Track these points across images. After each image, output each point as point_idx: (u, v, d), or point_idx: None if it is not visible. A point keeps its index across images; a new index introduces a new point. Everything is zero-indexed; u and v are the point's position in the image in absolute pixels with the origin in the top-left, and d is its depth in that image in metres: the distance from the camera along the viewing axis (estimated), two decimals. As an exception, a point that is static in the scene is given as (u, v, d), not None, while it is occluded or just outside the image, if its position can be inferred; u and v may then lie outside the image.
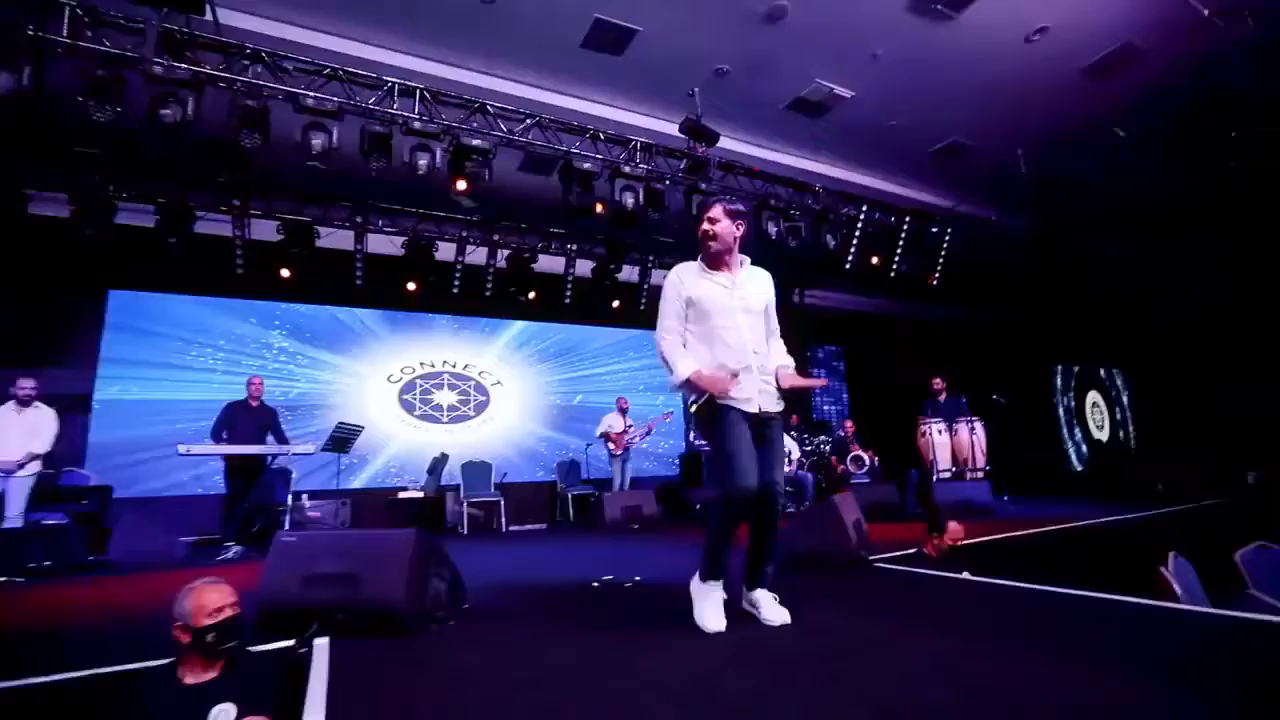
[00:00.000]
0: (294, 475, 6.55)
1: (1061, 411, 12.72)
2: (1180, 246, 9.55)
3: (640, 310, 9.16)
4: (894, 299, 11.62)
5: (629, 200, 6.00)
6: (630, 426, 7.79)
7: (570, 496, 7.95)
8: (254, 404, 5.72)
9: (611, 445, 7.68)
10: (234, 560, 4.83)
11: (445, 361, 8.59)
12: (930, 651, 1.86)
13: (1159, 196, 8.48)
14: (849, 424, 8.56)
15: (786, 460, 7.55)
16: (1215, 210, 8.47)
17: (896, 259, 7.93)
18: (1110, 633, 2.09)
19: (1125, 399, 13.92)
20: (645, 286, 9.00)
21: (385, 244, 7.43)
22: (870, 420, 9.60)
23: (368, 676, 1.83)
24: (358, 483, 7.59)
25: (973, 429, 6.97)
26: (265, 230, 6.83)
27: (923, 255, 8.13)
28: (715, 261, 2.43)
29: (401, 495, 6.78)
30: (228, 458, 5.35)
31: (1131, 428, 13.73)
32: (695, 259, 2.48)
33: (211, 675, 1.74)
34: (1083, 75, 6.32)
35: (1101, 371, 13.64)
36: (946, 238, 8.17)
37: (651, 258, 8.87)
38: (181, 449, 4.84)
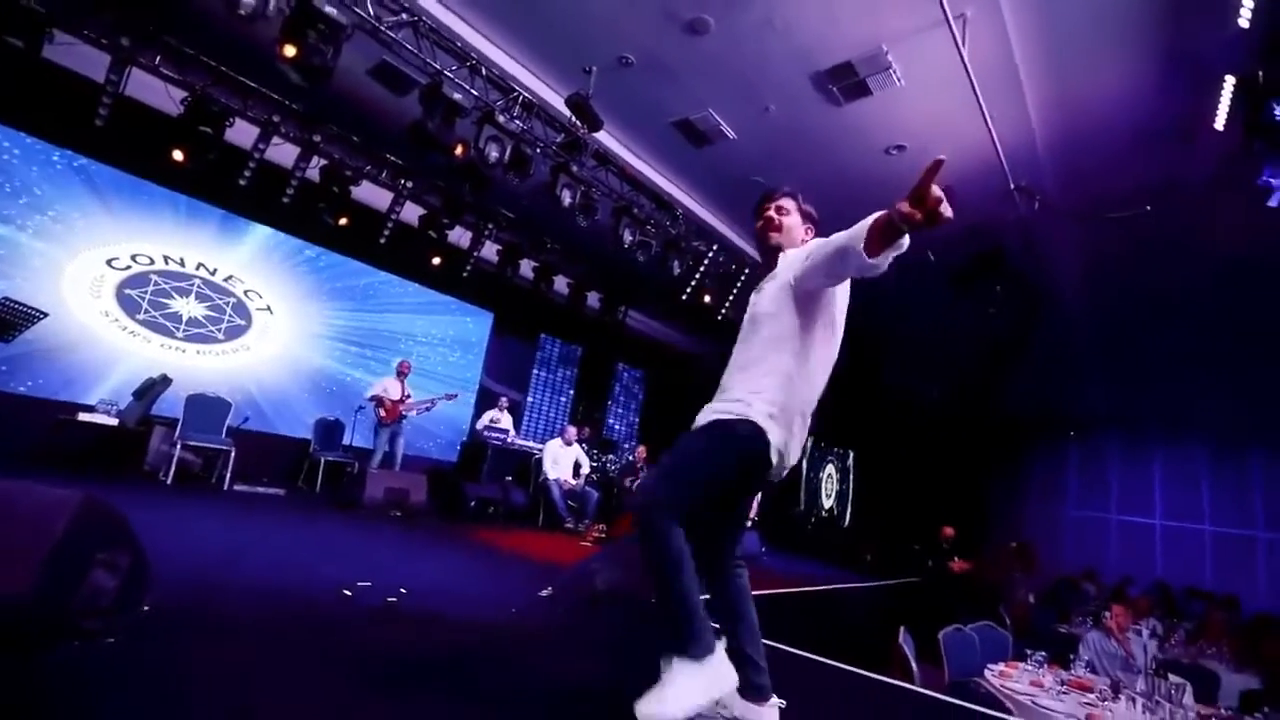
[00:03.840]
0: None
1: (804, 479, 14.45)
2: (933, 363, 11.46)
3: (462, 278, 8.32)
4: (708, 338, 12.22)
5: (493, 153, 5.31)
6: (409, 397, 6.89)
7: (323, 462, 6.75)
8: None
9: (383, 413, 6.70)
10: None
11: (201, 265, 6.79)
12: None
13: (937, 322, 10.05)
14: (641, 449, 8.62)
15: (575, 472, 7.30)
16: (962, 342, 10.28)
17: (727, 304, 8.25)
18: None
19: (851, 478, 16.33)
20: (474, 255, 8.18)
21: (158, 93, 5.65)
22: (661, 447, 9.82)
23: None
24: (14, 384, 5.53)
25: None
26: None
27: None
28: (766, 264, 1.97)
29: (83, 417, 5.06)
30: None
31: (849, 504, 16.12)
32: (533, 240, 1.98)
33: None
34: (916, 198, 7.20)
35: (836, 451, 15.84)
36: (771, 300, 8.74)
37: (490, 227, 8.10)
38: None
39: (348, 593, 2.44)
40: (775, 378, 1.71)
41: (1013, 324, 8.07)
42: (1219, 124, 5.16)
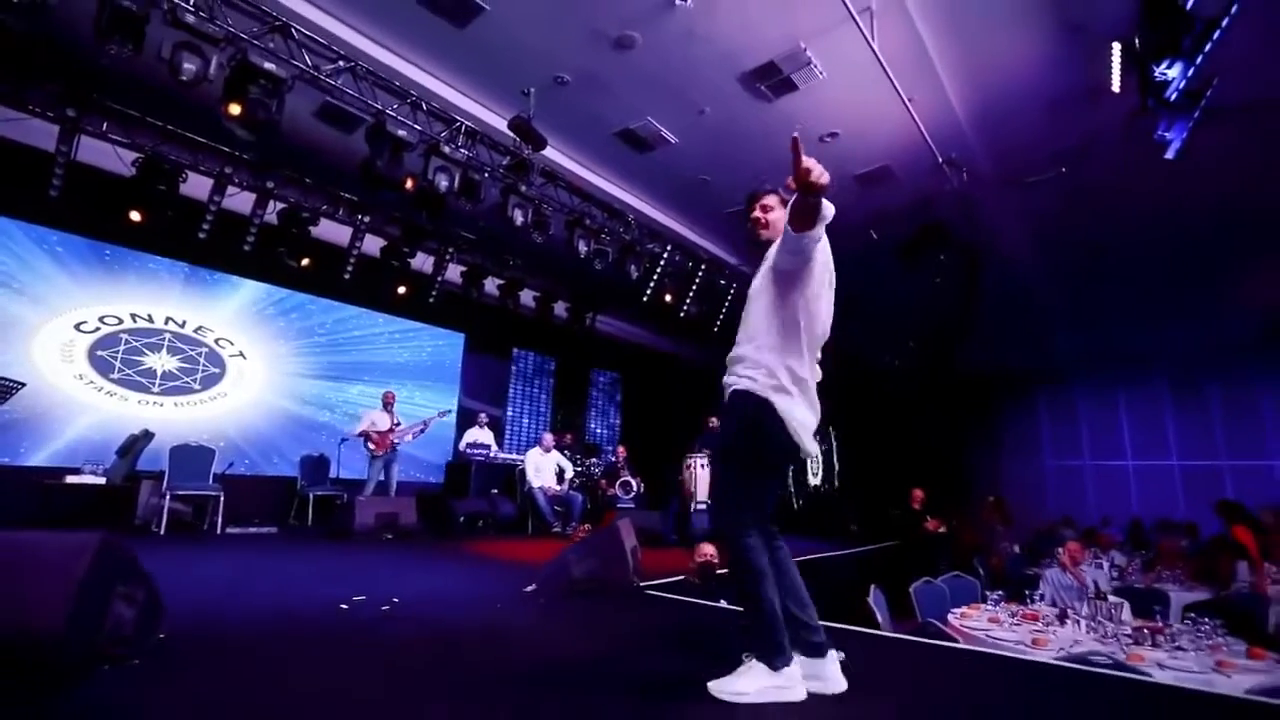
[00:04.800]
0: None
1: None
2: (896, 335, 11.88)
3: (428, 304, 8.50)
4: (675, 337, 12.52)
5: (443, 183, 5.53)
6: (398, 425, 7.07)
7: (312, 497, 6.91)
8: None
9: (372, 446, 6.88)
10: None
11: (170, 319, 6.91)
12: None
13: (883, 290, 10.45)
14: (621, 450, 8.88)
15: (560, 478, 7.54)
16: (920, 312, 10.70)
17: (688, 301, 8.53)
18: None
19: (835, 453, 16.76)
20: (439, 280, 8.37)
21: (109, 156, 5.78)
22: (640, 448, 10.08)
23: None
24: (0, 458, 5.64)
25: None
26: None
27: (711, 302, 8.88)
28: (760, 255, 2.16)
29: (70, 479, 5.19)
30: None
31: (836, 477, 16.54)
32: (495, 258, 2.23)
33: None
34: (855, 181, 7.55)
35: (820, 428, 16.26)
36: (732, 290, 9.04)
37: (451, 251, 8.30)
38: None
39: (344, 607, 2.68)
40: (772, 353, 1.96)
41: (959, 289, 8.46)
42: (1115, 87, 5.55)
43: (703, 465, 7.65)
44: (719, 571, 3.81)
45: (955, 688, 2.07)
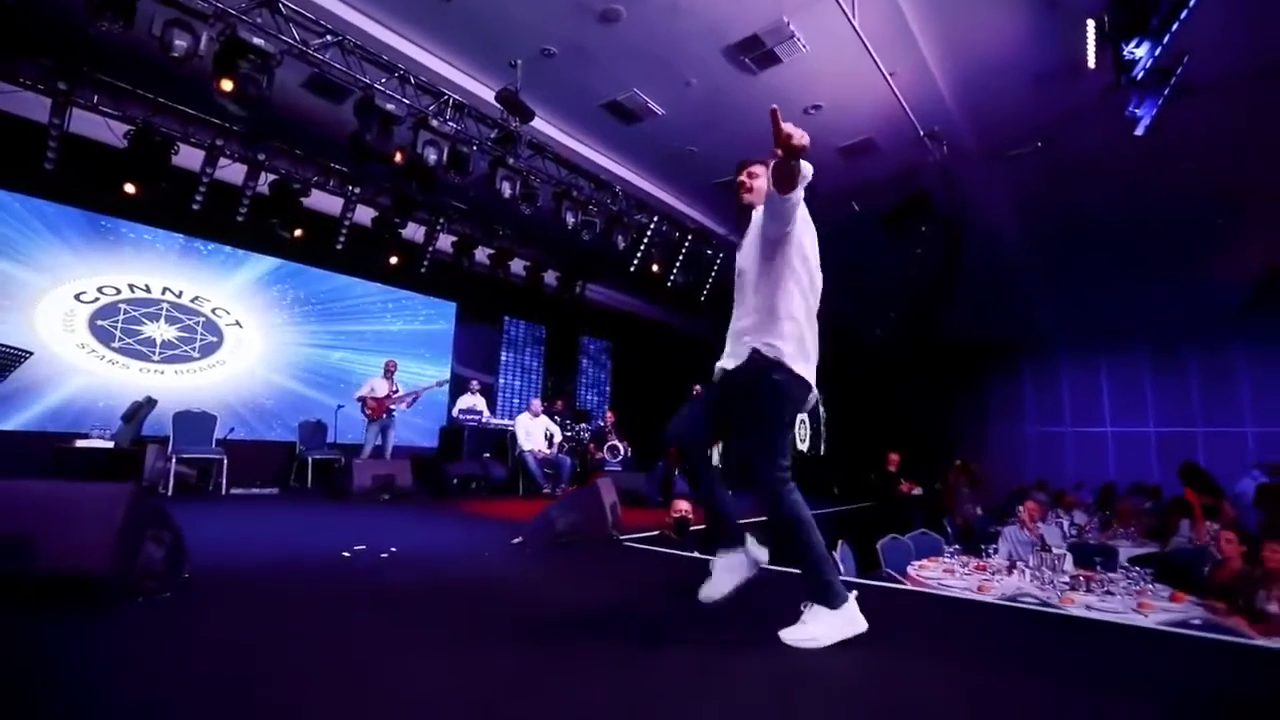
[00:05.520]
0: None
1: (780, 424, 15.20)
2: (881, 305, 12.10)
3: (419, 273, 8.65)
4: (665, 306, 12.70)
5: (431, 156, 5.65)
6: (395, 392, 7.32)
7: (311, 460, 7.18)
8: None
9: (369, 411, 7.14)
10: None
11: (167, 289, 7.06)
12: (657, 613, 2.17)
13: (867, 261, 10.63)
14: (610, 415, 9.16)
15: (548, 442, 7.83)
16: (902, 282, 10.90)
17: (675, 270, 8.71)
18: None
19: (822, 417, 17.16)
20: (430, 249, 8.50)
21: (99, 128, 5.86)
22: (629, 413, 10.38)
23: (57, 654, 1.51)
24: (7, 423, 5.86)
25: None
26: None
27: (697, 271, 9.05)
28: (742, 224, 2.30)
29: (80, 443, 5.43)
30: None
31: (823, 441, 16.97)
32: (485, 228, 2.38)
33: None
34: (838, 153, 7.67)
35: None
36: (719, 260, 9.21)
37: (442, 221, 8.42)
38: None
39: (346, 555, 2.95)
40: (787, 323, 2.09)
41: (940, 260, 8.65)
42: (1091, 63, 5.67)
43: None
44: (693, 527, 4.10)
45: (884, 618, 2.35)
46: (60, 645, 1.58)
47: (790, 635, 1.85)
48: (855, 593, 2.04)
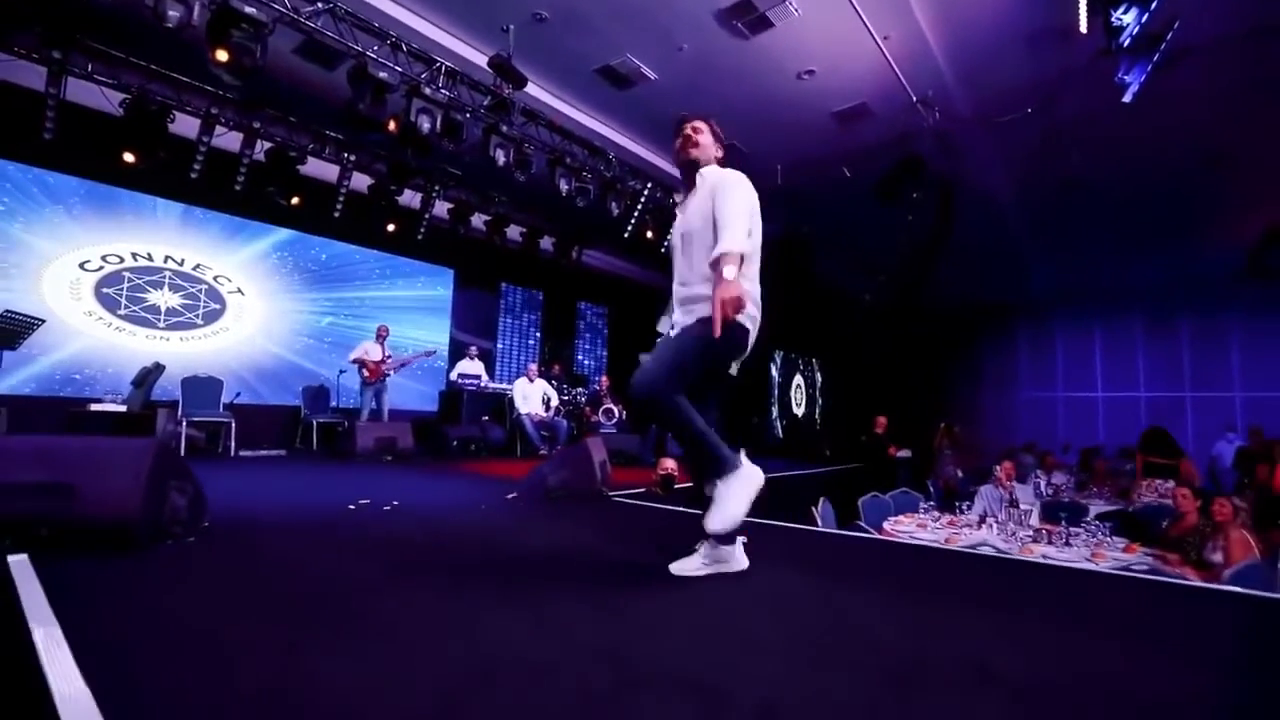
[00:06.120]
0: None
1: (776, 390, 15.45)
2: (873, 269, 12.18)
3: (417, 240, 8.74)
4: (660, 272, 12.76)
5: (425, 124, 5.70)
6: (389, 357, 7.51)
7: (316, 424, 7.42)
8: None
9: (366, 374, 7.34)
10: None
11: (169, 257, 7.18)
12: (629, 554, 2.39)
13: (859, 226, 10.68)
14: (605, 379, 9.36)
15: (545, 406, 8.05)
16: (893, 247, 10.97)
17: (669, 237, 8.78)
18: (775, 542, 2.88)
19: (819, 383, 17.39)
20: (426, 216, 8.58)
21: (96, 96, 5.90)
22: (625, 377, 10.56)
23: (102, 587, 1.73)
24: (25, 389, 6.07)
25: (706, 395, 8.21)
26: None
27: (691, 239, 9.11)
28: (686, 182, 2.33)
29: (95, 408, 5.65)
30: None
31: (818, 406, 17.25)
32: (481, 195, 2.37)
33: None
34: (832, 118, 7.67)
35: (803, 360, 16.85)
36: (712, 228, 9.26)
37: (437, 188, 8.47)
38: None
39: (351, 507, 3.19)
40: (749, 283, 2.11)
41: (932, 224, 8.72)
42: (1083, 27, 5.66)
43: (681, 394, 8.12)
44: (678, 486, 4.33)
45: (846, 560, 2.58)
46: (109, 580, 1.79)
47: (713, 521, 1.95)
48: (744, 538, 2.17)
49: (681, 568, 2.10)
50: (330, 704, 1.10)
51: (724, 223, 2.02)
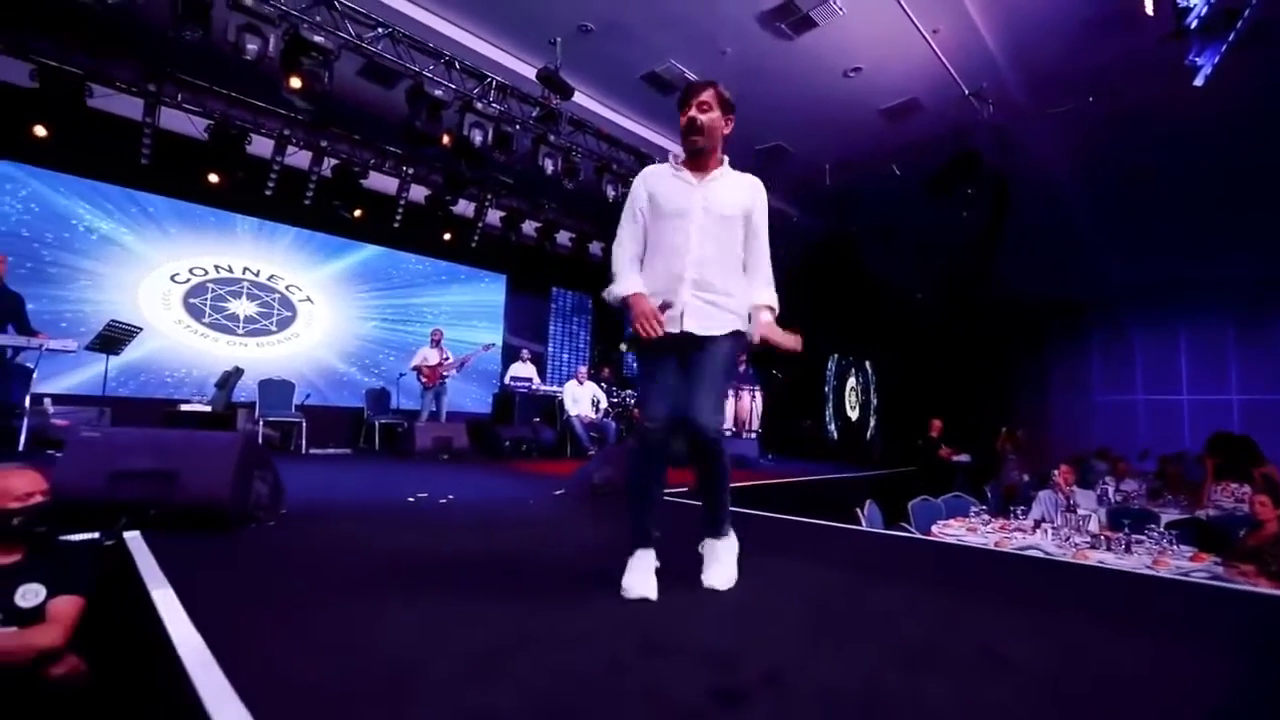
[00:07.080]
0: (34, 374, 5.61)
1: (830, 391, 15.20)
2: (927, 269, 11.86)
3: (471, 247, 9.09)
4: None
5: (477, 137, 5.97)
6: (446, 359, 7.85)
7: (378, 424, 7.84)
8: (-8, 286, 4.81)
9: (424, 379, 7.69)
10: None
11: (246, 269, 7.76)
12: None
13: (910, 224, 10.41)
14: (655, 381, 9.44)
15: (594, 408, 8.23)
16: (944, 245, 10.65)
17: (716, 240, 8.80)
18: (813, 540, 2.92)
19: (873, 385, 16.99)
20: (480, 225, 8.92)
21: (184, 123, 6.46)
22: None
23: (202, 560, 1.97)
24: (124, 390, 6.69)
25: (754, 396, 8.23)
26: (14, 73, 5.57)
27: (737, 240, 9.10)
28: (693, 161, 2.05)
29: (185, 408, 6.19)
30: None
31: (873, 410, 16.85)
32: (531, 203, 2.46)
33: (15, 559, 1.77)
34: (880, 115, 7.56)
35: (858, 363, 16.49)
36: (759, 230, 9.23)
37: (490, 197, 8.80)
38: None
39: (411, 500, 3.42)
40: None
41: (988, 221, 8.44)
42: (1149, 8, 5.41)
43: (752, 394, 8.14)
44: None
45: (876, 557, 2.59)
46: (209, 553, 2.05)
47: (723, 583, 1.96)
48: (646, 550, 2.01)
49: (723, 580, 1.98)
50: (395, 654, 1.27)
51: (766, 268, 2.10)
